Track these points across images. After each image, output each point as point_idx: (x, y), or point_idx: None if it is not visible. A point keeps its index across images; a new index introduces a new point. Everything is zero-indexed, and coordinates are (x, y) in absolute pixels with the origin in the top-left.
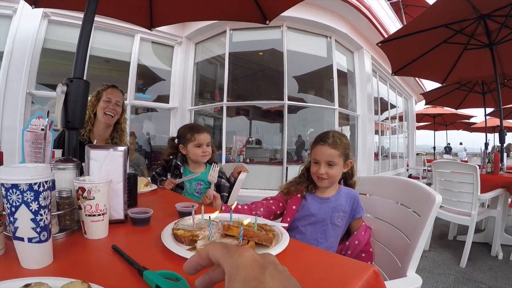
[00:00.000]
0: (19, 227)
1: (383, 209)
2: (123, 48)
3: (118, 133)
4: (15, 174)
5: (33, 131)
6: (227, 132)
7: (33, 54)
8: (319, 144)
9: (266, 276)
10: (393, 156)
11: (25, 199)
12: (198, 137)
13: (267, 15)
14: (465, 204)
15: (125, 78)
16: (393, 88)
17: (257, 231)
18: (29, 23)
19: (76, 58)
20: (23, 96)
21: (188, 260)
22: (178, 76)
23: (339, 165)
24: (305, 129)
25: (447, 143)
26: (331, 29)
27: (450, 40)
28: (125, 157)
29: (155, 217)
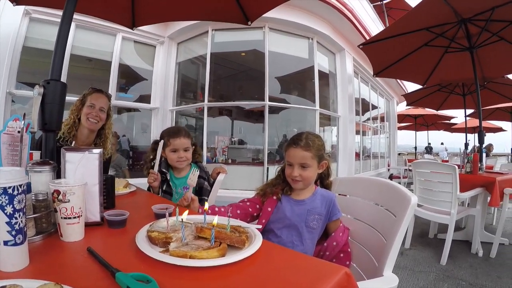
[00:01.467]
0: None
1: (361, 209)
2: (105, 47)
3: (101, 139)
4: None
5: (9, 133)
6: (210, 132)
7: (13, 53)
8: (291, 147)
9: None
10: (375, 156)
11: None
12: (173, 142)
13: (249, 16)
14: (445, 203)
15: (107, 78)
16: (374, 89)
17: (229, 233)
18: (10, 21)
19: (53, 59)
20: (3, 96)
21: None
22: (160, 76)
23: (313, 167)
24: (288, 129)
25: (428, 143)
26: (313, 30)
27: (431, 43)
28: (100, 159)
29: (131, 219)
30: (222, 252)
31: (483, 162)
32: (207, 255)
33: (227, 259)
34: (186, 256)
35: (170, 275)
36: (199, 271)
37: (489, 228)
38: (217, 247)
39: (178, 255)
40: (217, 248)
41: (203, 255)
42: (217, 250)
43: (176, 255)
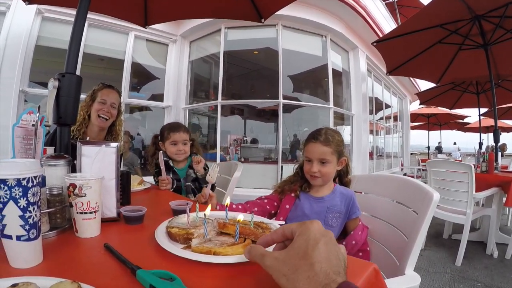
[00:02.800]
0: (7, 224)
1: (380, 207)
2: (117, 46)
3: (112, 136)
4: (3, 169)
5: (23, 126)
6: (221, 132)
7: (26, 51)
8: (311, 142)
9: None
10: (388, 156)
11: (13, 195)
12: (173, 136)
13: (263, 13)
14: (460, 203)
15: (120, 77)
16: (387, 88)
17: (253, 229)
18: (22, 20)
19: (68, 53)
20: (16, 94)
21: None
22: (173, 75)
23: (332, 163)
24: (299, 128)
25: (438, 143)
26: (327, 28)
27: (445, 40)
28: (117, 153)
29: (148, 215)
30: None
31: (498, 161)
32: (232, 251)
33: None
34: (210, 252)
35: (194, 272)
36: (223, 268)
37: (504, 229)
38: (241, 243)
39: (201, 251)
40: (242, 244)
41: (228, 251)
42: (242, 246)
43: (200, 251)
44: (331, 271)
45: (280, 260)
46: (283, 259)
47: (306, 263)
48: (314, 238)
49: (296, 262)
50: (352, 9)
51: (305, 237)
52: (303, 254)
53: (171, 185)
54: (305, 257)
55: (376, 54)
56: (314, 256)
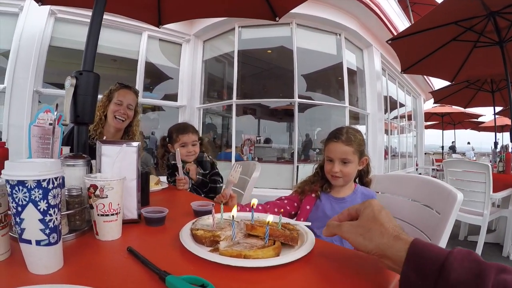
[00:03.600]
0: (26, 228)
1: (401, 207)
2: (130, 46)
3: (129, 137)
4: (22, 170)
5: (40, 125)
6: (236, 131)
7: (39, 52)
8: (332, 141)
9: (383, 210)
10: (402, 156)
11: (32, 197)
12: (182, 138)
13: (277, 11)
14: (477, 204)
15: (133, 77)
16: (401, 87)
17: (282, 231)
18: (35, 21)
19: (85, 50)
20: (30, 94)
21: (330, 221)
22: (187, 74)
23: (354, 163)
24: (312, 128)
25: (452, 142)
26: (341, 26)
27: (460, 37)
28: (138, 153)
29: (169, 216)
30: (277, 251)
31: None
32: (262, 254)
33: (284, 259)
34: (240, 255)
35: (224, 276)
36: (254, 272)
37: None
38: (271, 246)
39: (231, 255)
40: (272, 247)
41: (259, 255)
42: (272, 248)
43: (230, 255)
44: (396, 227)
45: (354, 225)
46: (356, 224)
47: (377, 223)
48: (377, 208)
49: (368, 224)
50: (366, 6)
51: (370, 208)
52: (372, 219)
53: (188, 185)
54: (375, 220)
55: (390, 52)
56: (381, 218)
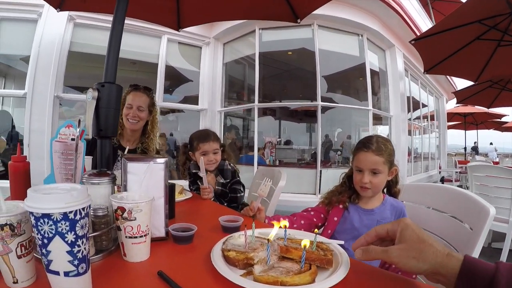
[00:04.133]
0: (54, 260)
1: (430, 219)
2: (150, 49)
3: (145, 135)
4: (47, 202)
5: (62, 141)
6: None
7: (59, 57)
8: (362, 151)
9: (423, 231)
10: (425, 157)
11: (59, 229)
12: (203, 146)
13: (299, 13)
14: (503, 210)
15: (152, 80)
16: (424, 87)
17: (317, 253)
18: (54, 27)
19: (107, 61)
20: (51, 99)
21: (357, 242)
22: (207, 77)
23: (384, 173)
24: (332, 129)
25: (474, 143)
26: (363, 26)
27: (483, 36)
28: (166, 169)
29: (197, 232)
30: (314, 276)
31: None
32: (299, 280)
33: (322, 285)
34: (277, 282)
35: None
36: None
37: None
38: (308, 271)
39: (267, 281)
40: (309, 272)
41: (296, 281)
42: (309, 274)
43: (266, 281)
44: (443, 246)
45: (404, 249)
46: (405, 248)
47: (426, 244)
48: (417, 228)
49: (418, 246)
50: (388, 6)
51: (409, 229)
52: (418, 240)
53: (212, 194)
54: (422, 241)
55: (413, 52)
56: (427, 238)
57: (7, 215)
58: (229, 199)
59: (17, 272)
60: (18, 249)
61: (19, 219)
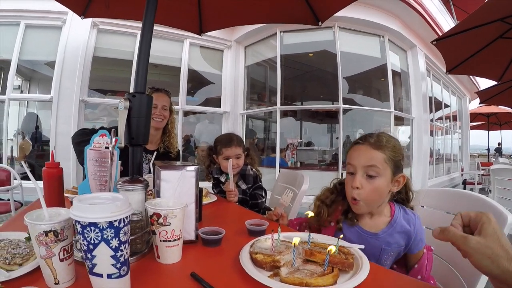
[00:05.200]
0: (98, 263)
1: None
2: (172, 53)
3: (166, 134)
4: (94, 212)
5: (96, 149)
6: (274, 134)
7: (84, 63)
8: (357, 144)
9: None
10: (447, 158)
11: (105, 236)
12: (225, 151)
13: (320, 16)
14: None
15: (174, 82)
16: (446, 87)
17: (340, 257)
18: (79, 33)
19: (137, 72)
20: (76, 103)
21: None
22: (229, 80)
23: (384, 177)
24: (353, 129)
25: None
26: (384, 27)
27: (506, 34)
28: (197, 176)
29: (224, 235)
30: (336, 278)
31: None
32: (323, 282)
33: (342, 287)
34: (302, 283)
35: None
36: None
37: None
38: (331, 273)
39: (293, 282)
40: (331, 274)
41: (319, 283)
42: (332, 276)
43: (292, 282)
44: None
45: (483, 244)
46: (485, 243)
47: (504, 249)
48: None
49: (495, 247)
50: (409, 6)
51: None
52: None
53: (237, 197)
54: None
55: (434, 52)
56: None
57: (52, 223)
58: (250, 206)
59: (59, 274)
60: (60, 253)
61: (63, 226)
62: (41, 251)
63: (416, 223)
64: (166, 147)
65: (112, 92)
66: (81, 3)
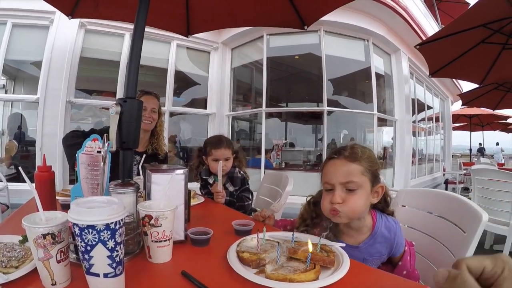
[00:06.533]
0: (95, 264)
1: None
2: (159, 54)
3: (155, 137)
4: (91, 215)
5: (88, 153)
6: (259, 134)
7: (71, 63)
8: (332, 159)
9: None
10: (429, 159)
11: (101, 238)
12: (215, 153)
13: (306, 20)
14: (504, 213)
15: (160, 82)
16: (429, 89)
17: (321, 255)
18: (66, 33)
19: (128, 77)
20: (63, 104)
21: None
22: (216, 82)
23: (364, 190)
24: (338, 130)
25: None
26: (369, 32)
27: (489, 40)
28: (186, 179)
29: (212, 235)
30: (318, 274)
31: None
32: (305, 277)
33: (323, 282)
34: (286, 279)
35: None
36: None
37: None
38: (313, 269)
39: (278, 278)
40: (313, 270)
41: (302, 278)
42: (313, 272)
43: (276, 278)
44: None
45: None
46: None
47: None
48: None
49: None
50: (394, 11)
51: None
52: None
53: (224, 199)
54: None
55: (418, 55)
56: None
57: (49, 226)
58: (236, 208)
59: (56, 275)
60: (58, 255)
61: (60, 228)
62: (39, 254)
63: (397, 230)
64: (154, 149)
65: (98, 92)
66: (69, 3)
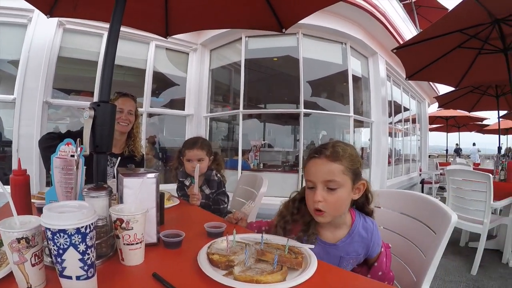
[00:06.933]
0: (67, 267)
1: (399, 223)
2: (138, 55)
3: (131, 138)
4: (62, 220)
5: (62, 157)
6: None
7: (49, 63)
8: (313, 158)
9: None
10: (406, 159)
11: (73, 241)
12: (188, 153)
13: (284, 23)
14: (478, 212)
15: (139, 83)
16: (406, 92)
17: (289, 256)
18: (44, 32)
19: (101, 81)
20: (40, 105)
21: None
22: (194, 83)
23: (345, 188)
24: (317, 131)
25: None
26: (346, 35)
27: (465, 44)
28: (157, 183)
29: (184, 237)
30: (284, 275)
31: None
32: (272, 279)
33: (290, 283)
34: (253, 280)
35: None
36: None
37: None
38: (279, 271)
39: (245, 280)
40: (280, 272)
41: (268, 279)
42: (280, 273)
43: (243, 279)
44: None
45: None
46: None
47: None
48: None
49: None
50: (371, 15)
51: None
52: None
53: (200, 201)
54: None
55: (395, 59)
56: None
57: (23, 230)
58: (212, 211)
59: (31, 278)
60: (32, 258)
61: (34, 232)
62: (14, 257)
63: (374, 231)
64: (130, 151)
65: (76, 92)
66: (47, 2)
